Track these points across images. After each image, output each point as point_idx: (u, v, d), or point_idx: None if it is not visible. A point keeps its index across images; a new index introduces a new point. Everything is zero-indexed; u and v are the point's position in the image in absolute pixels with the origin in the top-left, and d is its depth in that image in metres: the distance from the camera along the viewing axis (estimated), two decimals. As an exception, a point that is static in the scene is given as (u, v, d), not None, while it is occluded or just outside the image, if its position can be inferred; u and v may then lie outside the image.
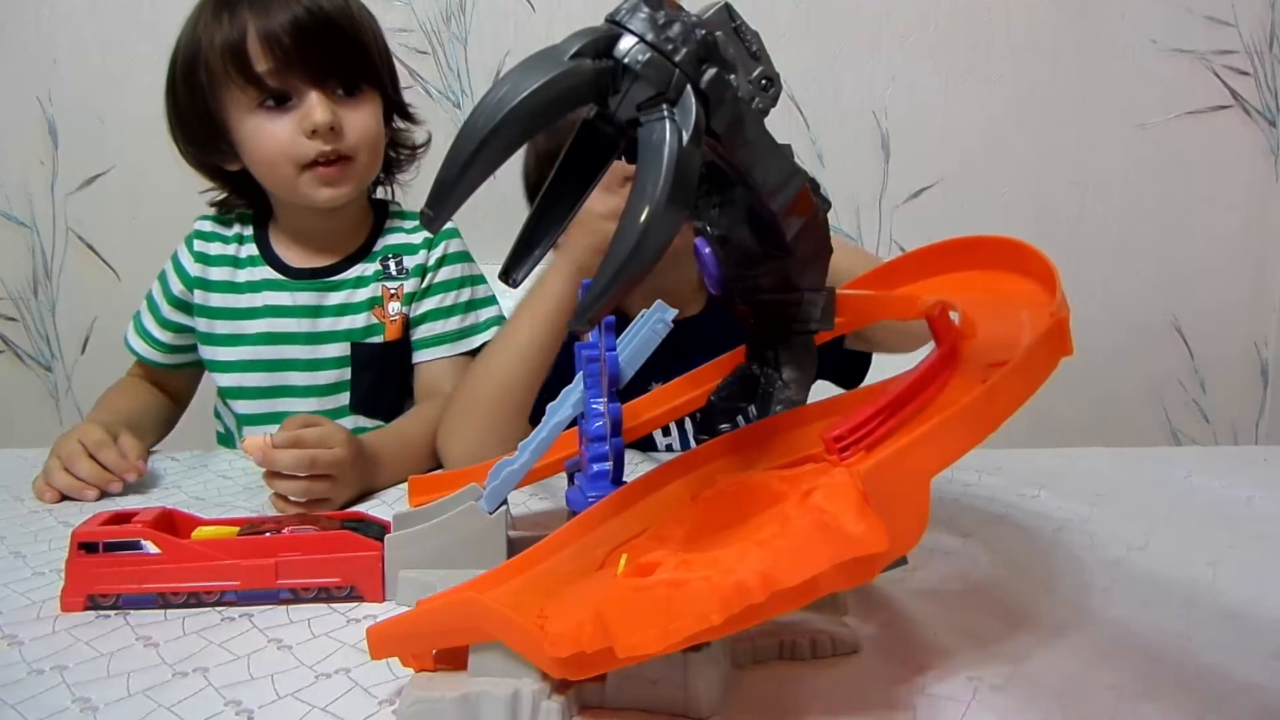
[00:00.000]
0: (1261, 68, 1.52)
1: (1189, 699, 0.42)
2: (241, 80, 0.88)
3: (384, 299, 0.98)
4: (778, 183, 0.45)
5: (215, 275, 0.99)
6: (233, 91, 0.89)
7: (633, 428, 0.65)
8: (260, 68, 0.87)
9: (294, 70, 0.87)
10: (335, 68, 0.89)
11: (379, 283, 0.99)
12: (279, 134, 0.89)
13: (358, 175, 0.94)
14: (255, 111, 0.89)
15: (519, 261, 0.41)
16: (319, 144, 0.89)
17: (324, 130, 0.88)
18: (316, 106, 0.88)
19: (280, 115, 0.89)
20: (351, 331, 0.98)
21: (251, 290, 0.98)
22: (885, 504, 0.35)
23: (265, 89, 0.88)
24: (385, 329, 0.98)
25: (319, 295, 0.98)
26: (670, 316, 0.57)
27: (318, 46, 0.88)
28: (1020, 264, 0.51)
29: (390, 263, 0.99)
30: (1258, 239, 1.57)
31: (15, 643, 0.48)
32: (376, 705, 0.41)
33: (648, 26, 0.38)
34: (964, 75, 1.51)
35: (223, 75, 0.88)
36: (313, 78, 0.88)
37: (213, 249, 1.00)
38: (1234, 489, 0.75)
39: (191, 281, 0.99)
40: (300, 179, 0.91)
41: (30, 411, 1.54)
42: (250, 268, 0.99)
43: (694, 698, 0.39)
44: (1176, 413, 1.61)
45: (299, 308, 0.97)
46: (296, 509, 0.70)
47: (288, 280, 0.98)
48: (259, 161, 0.92)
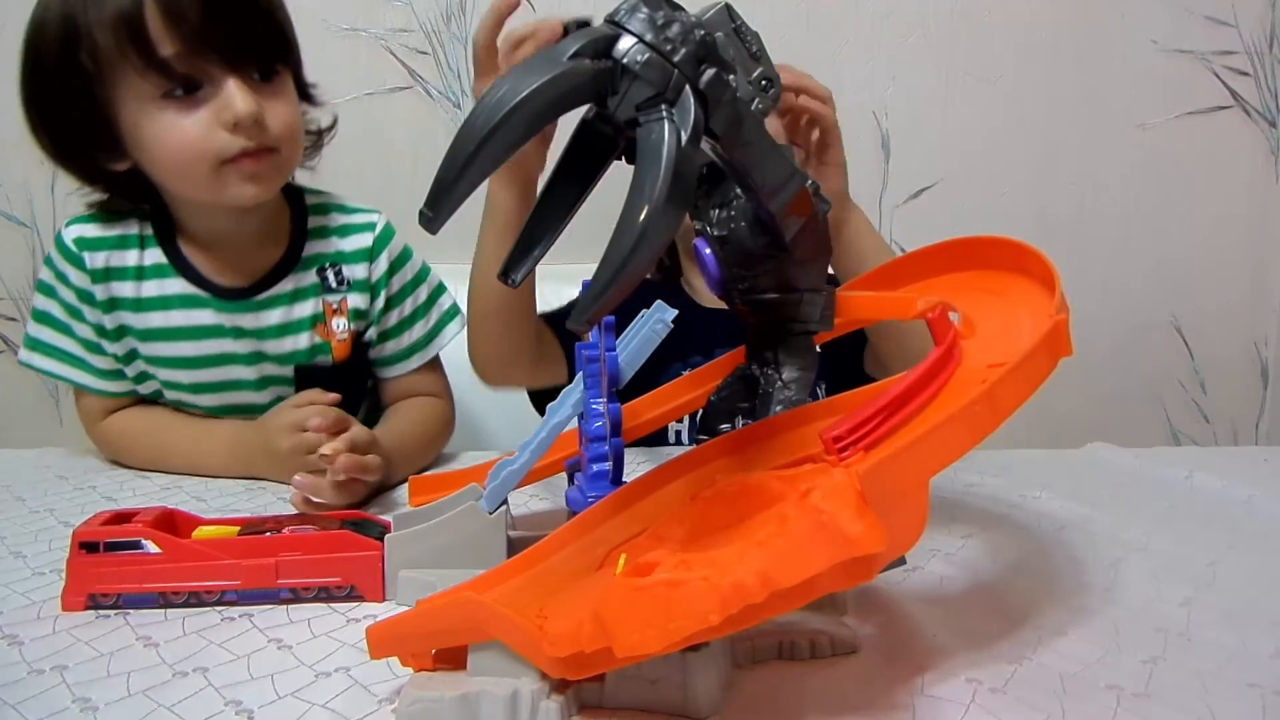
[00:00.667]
0: (1261, 68, 1.52)
1: (1189, 699, 0.42)
2: (141, 65, 0.73)
3: (326, 315, 0.87)
4: (777, 183, 0.45)
5: (121, 292, 0.84)
6: (129, 78, 0.74)
7: (633, 428, 0.65)
8: (165, 51, 0.73)
9: (205, 52, 0.74)
10: (252, 49, 0.77)
11: (318, 297, 0.87)
12: (191, 129, 0.75)
13: (282, 169, 0.82)
14: (158, 102, 0.75)
15: (517, 262, 0.41)
16: (241, 139, 0.76)
17: (247, 123, 0.75)
18: (237, 95, 0.74)
19: (192, 108, 0.75)
20: (295, 354, 0.87)
21: (164, 306, 0.84)
22: (884, 504, 0.35)
23: (172, 76, 0.74)
24: (332, 349, 0.88)
25: (255, 316, 0.86)
26: (670, 317, 0.57)
27: (231, 22, 0.74)
28: (1020, 264, 0.51)
29: (329, 273, 0.88)
30: (1258, 239, 1.57)
31: (15, 643, 0.48)
32: (376, 704, 0.41)
33: (647, 27, 0.38)
34: (964, 75, 1.51)
35: (115, 57, 0.73)
36: (228, 61, 0.75)
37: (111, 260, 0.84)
38: (1234, 489, 0.75)
39: (97, 303, 0.84)
40: (220, 177, 0.77)
41: (30, 411, 1.54)
42: (157, 279, 0.85)
43: (693, 697, 0.39)
44: (1176, 413, 1.61)
45: (235, 329, 0.85)
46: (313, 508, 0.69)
47: (213, 298, 0.85)
48: (166, 161, 0.78)
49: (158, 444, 0.83)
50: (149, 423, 0.86)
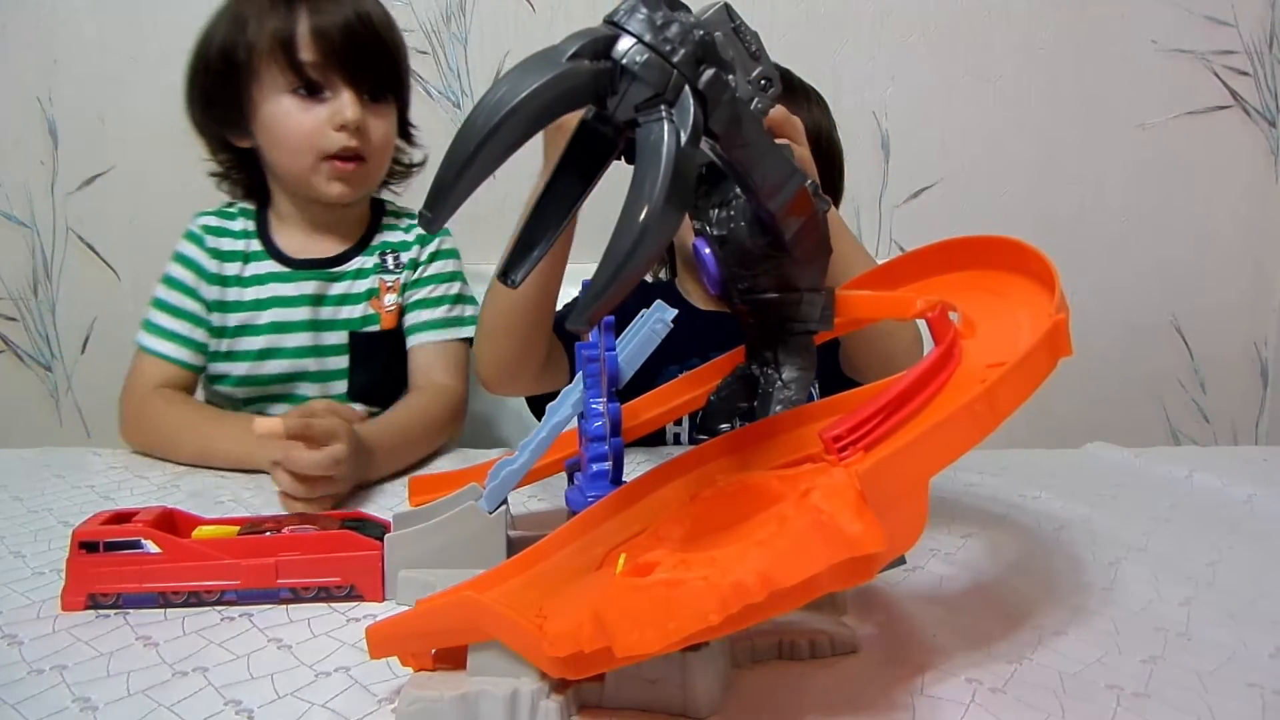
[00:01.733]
0: (1261, 68, 1.52)
1: (1189, 699, 0.42)
2: (284, 64, 0.93)
3: (381, 291, 1.04)
4: (776, 182, 0.45)
5: (229, 270, 1.02)
6: (271, 71, 0.94)
7: (632, 427, 0.65)
8: (305, 57, 0.93)
9: (334, 66, 0.94)
10: (371, 73, 0.96)
11: (377, 275, 1.04)
12: (308, 122, 0.94)
13: (369, 177, 1.00)
14: (286, 94, 0.94)
15: (517, 262, 0.41)
16: (344, 139, 0.94)
17: (351, 127, 0.94)
18: (349, 105, 0.94)
19: (311, 104, 0.94)
20: (350, 321, 1.03)
21: (258, 283, 1.02)
22: (884, 504, 0.35)
23: (303, 77, 0.94)
24: (381, 318, 1.03)
25: (321, 285, 1.02)
26: (670, 317, 0.57)
27: (360, 50, 0.94)
28: (1020, 264, 0.51)
29: (388, 258, 1.05)
30: (1258, 239, 1.57)
31: (15, 642, 0.48)
32: (376, 704, 0.41)
33: (646, 27, 0.38)
34: (964, 75, 1.51)
35: (265, 56, 0.93)
36: (349, 77, 0.94)
37: (224, 244, 1.03)
38: (1234, 489, 0.75)
39: (210, 277, 1.02)
40: (317, 168, 0.96)
41: (30, 411, 1.54)
42: (256, 262, 1.03)
43: (692, 697, 0.39)
44: (1176, 412, 1.61)
45: (302, 297, 1.01)
46: (301, 505, 0.71)
47: (289, 271, 1.02)
48: (280, 143, 0.96)
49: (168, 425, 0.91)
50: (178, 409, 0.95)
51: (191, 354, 1.01)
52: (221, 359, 1.02)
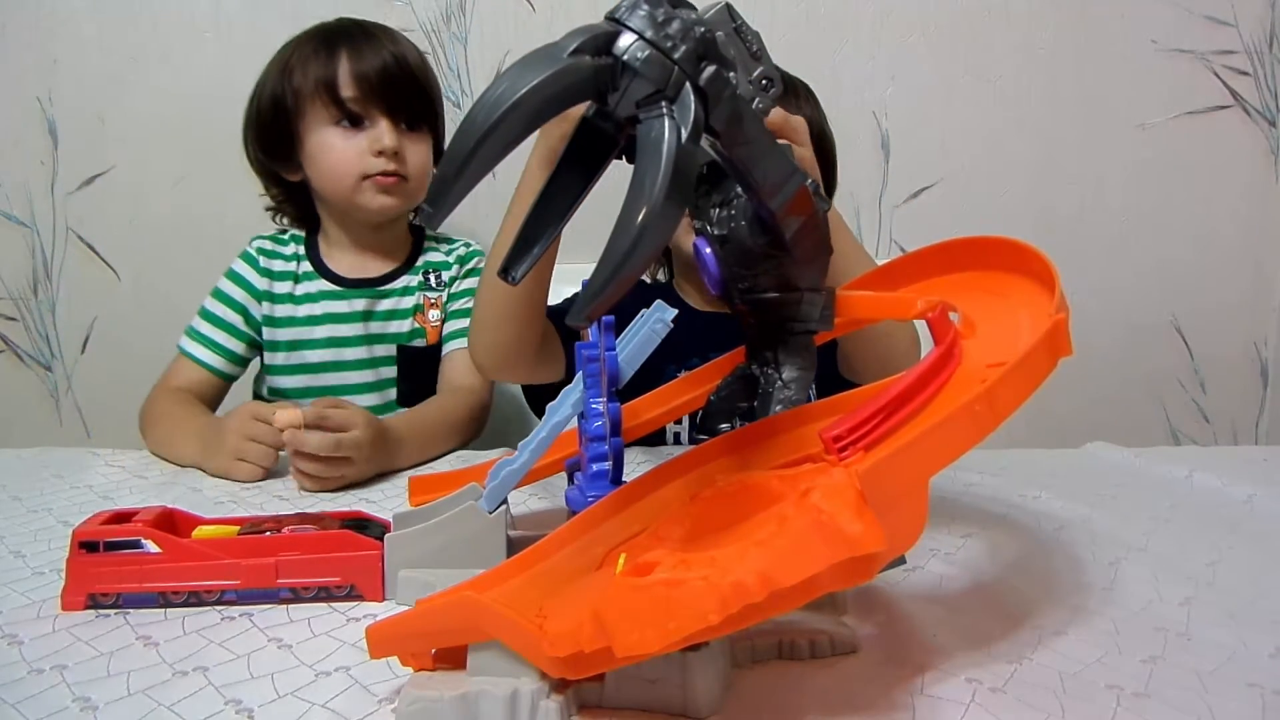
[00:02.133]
0: (1261, 68, 1.52)
1: (1189, 699, 0.42)
2: (327, 100, 1.03)
3: (425, 307, 1.13)
4: (777, 181, 0.45)
5: (280, 289, 1.10)
6: (315, 109, 1.03)
7: (632, 427, 0.65)
8: (346, 94, 1.03)
9: (373, 100, 1.03)
10: (405, 105, 1.05)
11: (421, 293, 1.12)
12: (349, 149, 1.04)
13: (408, 194, 1.07)
14: (330, 127, 1.04)
15: (517, 259, 0.41)
16: (383, 163, 1.03)
17: (389, 152, 1.03)
18: (387, 133, 1.03)
19: (353, 134, 1.04)
20: (399, 335, 1.11)
21: (310, 301, 1.10)
22: (884, 504, 0.35)
23: (345, 111, 1.03)
24: (427, 333, 1.12)
25: (370, 301, 1.11)
26: (670, 316, 0.57)
27: (396, 86, 1.04)
28: (1020, 264, 0.51)
29: (430, 277, 1.14)
30: (1258, 239, 1.57)
31: (15, 642, 0.48)
32: (376, 704, 0.41)
33: (647, 24, 0.38)
34: (964, 75, 1.51)
35: (310, 97, 1.03)
36: (386, 109, 1.04)
37: (276, 265, 1.11)
38: (1234, 488, 0.75)
39: (260, 295, 1.09)
40: (360, 186, 1.04)
41: (30, 411, 1.54)
42: (306, 281, 1.11)
43: (692, 697, 0.39)
44: (1176, 412, 1.61)
45: (353, 313, 1.10)
46: (317, 485, 0.77)
47: (341, 290, 1.10)
48: (325, 170, 1.05)
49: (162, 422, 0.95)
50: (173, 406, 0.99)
51: (224, 362, 1.07)
52: (278, 372, 1.10)
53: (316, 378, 1.10)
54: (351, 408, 0.82)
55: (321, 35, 1.06)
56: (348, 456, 0.78)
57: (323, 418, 0.78)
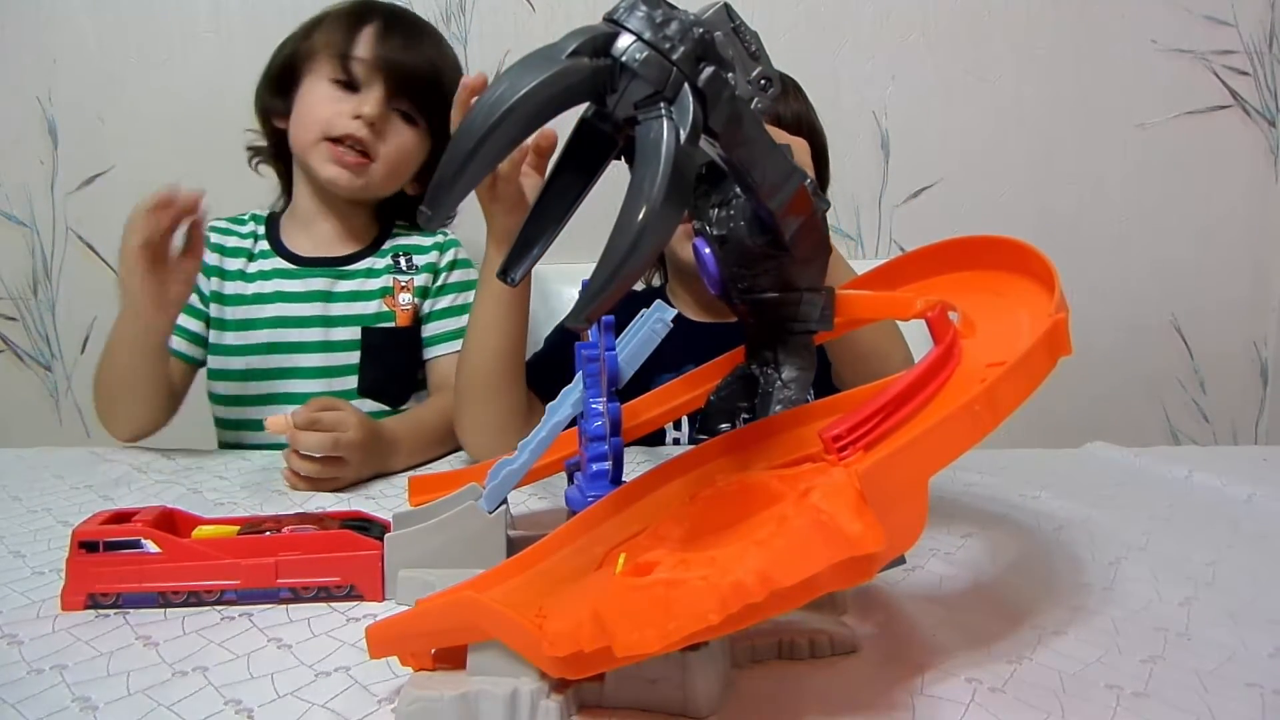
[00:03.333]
0: (1261, 68, 1.52)
1: (1189, 699, 0.42)
2: (335, 54, 1.00)
3: (395, 290, 1.07)
4: (776, 181, 0.45)
5: (231, 265, 1.07)
6: (321, 61, 1.01)
7: (632, 427, 0.65)
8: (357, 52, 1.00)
9: (377, 70, 1.00)
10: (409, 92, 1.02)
11: (390, 275, 1.08)
12: (331, 105, 1.00)
13: (368, 178, 1.02)
14: (327, 82, 1.01)
15: (516, 261, 0.41)
16: (356, 126, 0.99)
17: (366, 120, 0.99)
18: (375, 101, 0.99)
19: (343, 95, 1.00)
20: (363, 317, 1.06)
21: (261, 279, 1.06)
22: (883, 503, 0.35)
23: (347, 70, 1.00)
24: (396, 316, 1.07)
25: (330, 281, 1.06)
26: (670, 316, 0.57)
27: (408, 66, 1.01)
28: (1020, 264, 0.51)
29: (401, 259, 1.09)
30: (1258, 239, 1.57)
31: (15, 642, 0.48)
32: (376, 704, 0.41)
33: (645, 25, 0.38)
34: (964, 75, 1.51)
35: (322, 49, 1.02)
36: (387, 83, 1.00)
37: (229, 241, 1.08)
38: (1234, 488, 0.75)
39: (210, 270, 1.05)
40: (318, 147, 1.01)
41: (30, 411, 1.54)
42: (261, 260, 1.08)
43: (692, 697, 0.39)
44: (1176, 412, 1.61)
45: (311, 293, 1.05)
46: (309, 485, 0.77)
47: (297, 269, 1.06)
48: (299, 116, 1.02)
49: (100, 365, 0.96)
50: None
51: (184, 343, 1.04)
52: (225, 353, 1.05)
53: (264, 359, 1.05)
54: (345, 409, 0.81)
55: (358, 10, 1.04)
56: (341, 457, 0.77)
57: (315, 420, 0.77)
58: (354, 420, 0.79)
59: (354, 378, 1.05)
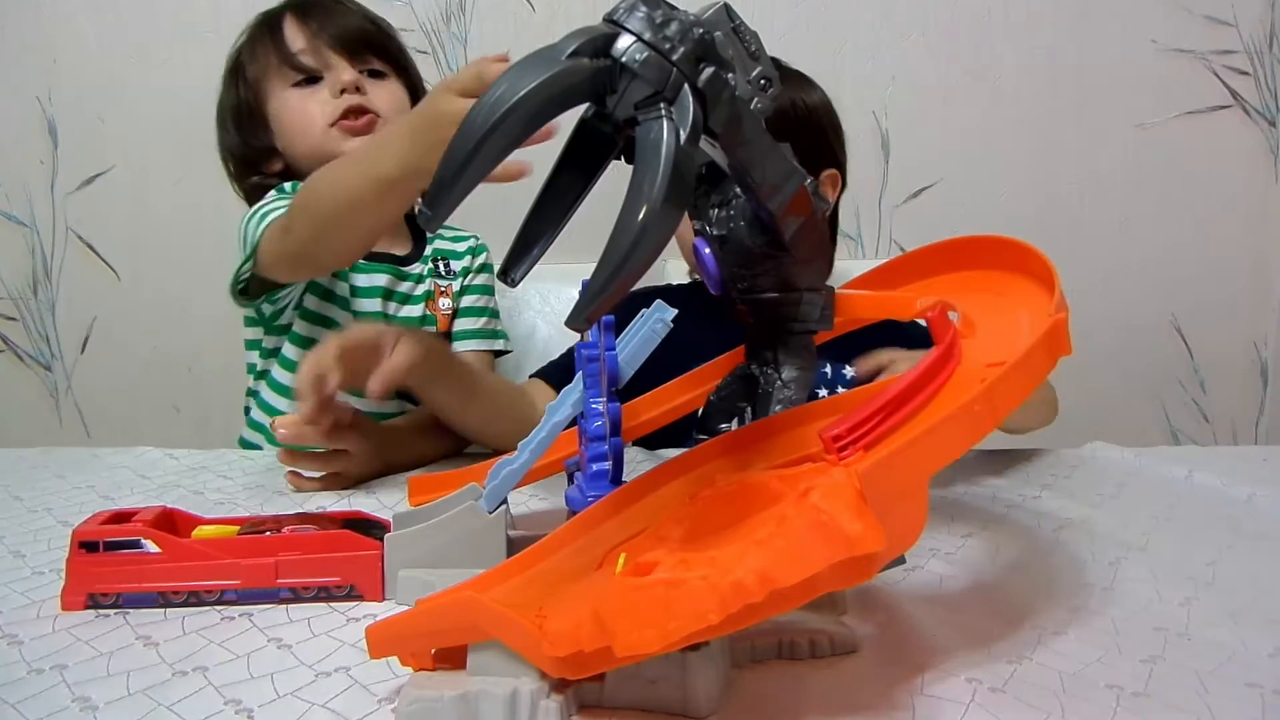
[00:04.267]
0: (1261, 68, 1.52)
1: (1189, 699, 0.42)
2: (278, 63, 0.98)
3: (436, 295, 1.09)
4: (776, 182, 0.45)
5: None
6: (271, 79, 1.00)
7: (632, 427, 0.65)
8: (295, 46, 0.98)
9: (325, 45, 0.98)
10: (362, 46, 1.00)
11: (433, 279, 1.09)
12: (310, 102, 0.99)
13: None
14: (290, 89, 0.99)
15: (517, 261, 0.41)
16: (347, 99, 0.98)
17: (350, 87, 0.98)
18: (345, 69, 0.98)
19: (313, 89, 0.99)
20: (410, 319, 1.07)
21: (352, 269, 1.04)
22: (883, 503, 0.35)
23: (299, 67, 0.99)
24: (438, 321, 1.08)
25: (392, 280, 1.05)
26: (670, 316, 0.57)
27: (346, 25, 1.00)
28: (1019, 264, 0.51)
29: (440, 264, 1.10)
30: (1257, 239, 1.57)
31: (15, 642, 0.48)
32: (376, 704, 0.41)
33: (645, 25, 0.38)
34: (964, 75, 1.51)
35: (264, 63, 1.00)
36: (343, 52, 0.99)
37: None
38: (1234, 488, 0.75)
39: None
40: (329, 135, 0.98)
41: (29, 411, 1.54)
42: None
43: (692, 697, 0.39)
44: (1176, 412, 1.61)
45: (374, 288, 1.04)
46: (313, 485, 0.77)
47: (364, 262, 1.03)
48: (290, 129, 1.00)
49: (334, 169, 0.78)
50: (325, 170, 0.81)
51: None
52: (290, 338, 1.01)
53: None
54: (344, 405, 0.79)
55: (263, 19, 1.02)
56: (345, 450, 0.77)
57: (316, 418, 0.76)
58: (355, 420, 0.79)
59: None
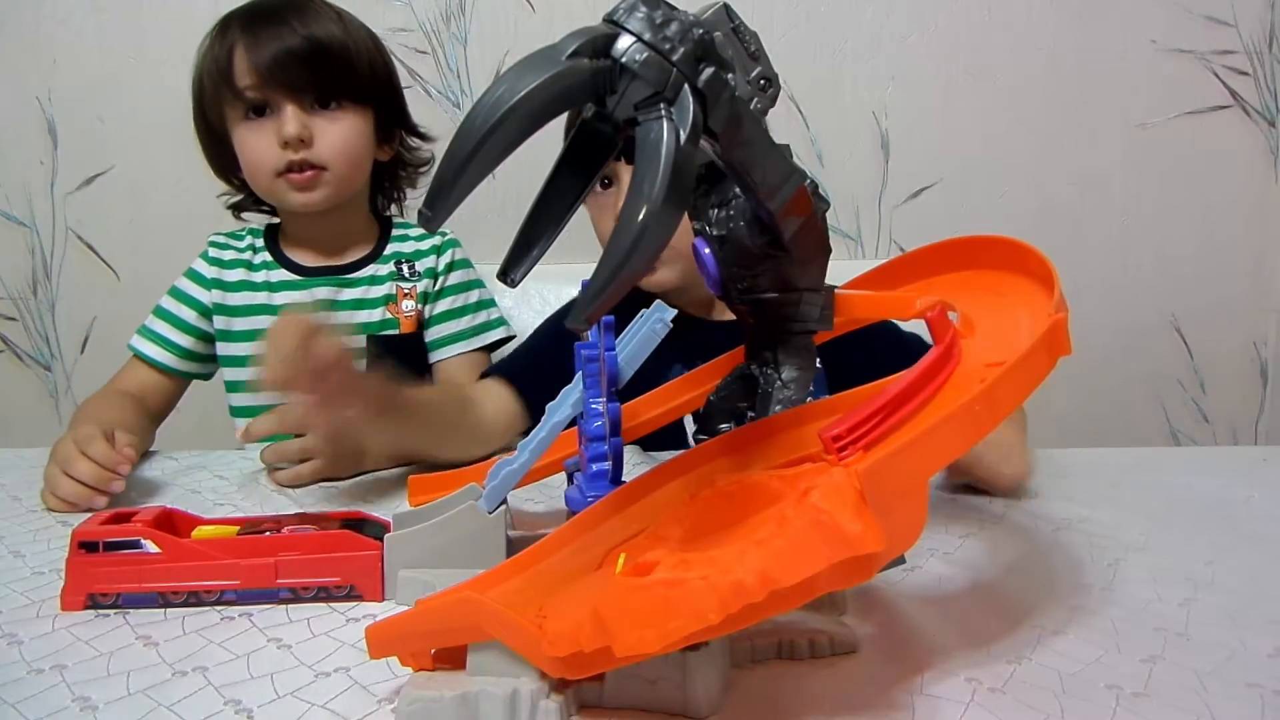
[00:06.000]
0: (1261, 68, 1.52)
1: (1189, 699, 0.42)
2: (229, 95, 0.96)
3: (398, 297, 1.06)
4: (776, 182, 0.45)
5: (231, 277, 1.05)
6: (225, 107, 0.98)
7: (632, 427, 0.65)
8: (242, 82, 0.95)
9: (271, 85, 0.95)
10: (311, 84, 0.96)
11: (393, 282, 1.06)
12: (259, 143, 0.97)
13: (331, 184, 0.99)
14: (242, 122, 0.98)
15: (517, 261, 0.41)
16: (289, 153, 0.96)
17: (294, 141, 0.95)
18: (290, 119, 0.95)
19: (260, 126, 0.97)
20: (368, 324, 1.05)
21: (268, 289, 1.05)
22: (883, 503, 0.35)
23: (246, 101, 0.96)
24: (400, 323, 1.06)
25: (334, 290, 1.05)
26: (669, 316, 0.57)
27: (295, 65, 0.95)
28: (1019, 264, 0.51)
29: (403, 266, 1.08)
30: (1257, 239, 1.57)
31: (15, 642, 0.48)
32: (375, 704, 0.41)
33: (645, 26, 0.38)
34: (964, 75, 1.51)
35: (214, 92, 0.98)
36: (289, 91, 0.95)
37: (226, 255, 1.07)
38: (1233, 489, 0.75)
39: (209, 283, 1.05)
40: (275, 184, 0.98)
41: (29, 411, 1.54)
42: (265, 270, 1.06)
43: (692, 697, 0.39)
44: (1176, 412, 1.61)
45: (316, 302, 1.04)
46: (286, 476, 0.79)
47: (302, 279, 1.05)
48: (245, 167, 1.00)
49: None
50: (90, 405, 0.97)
51: (174, 358, 1.03)
52: (235, 363, 1.05)
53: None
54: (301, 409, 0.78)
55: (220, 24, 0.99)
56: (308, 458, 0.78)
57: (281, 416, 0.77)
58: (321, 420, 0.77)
59: None
